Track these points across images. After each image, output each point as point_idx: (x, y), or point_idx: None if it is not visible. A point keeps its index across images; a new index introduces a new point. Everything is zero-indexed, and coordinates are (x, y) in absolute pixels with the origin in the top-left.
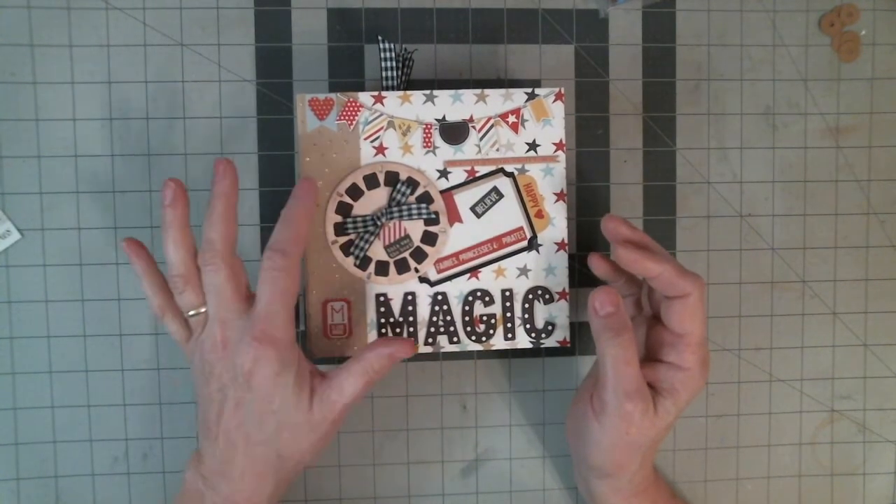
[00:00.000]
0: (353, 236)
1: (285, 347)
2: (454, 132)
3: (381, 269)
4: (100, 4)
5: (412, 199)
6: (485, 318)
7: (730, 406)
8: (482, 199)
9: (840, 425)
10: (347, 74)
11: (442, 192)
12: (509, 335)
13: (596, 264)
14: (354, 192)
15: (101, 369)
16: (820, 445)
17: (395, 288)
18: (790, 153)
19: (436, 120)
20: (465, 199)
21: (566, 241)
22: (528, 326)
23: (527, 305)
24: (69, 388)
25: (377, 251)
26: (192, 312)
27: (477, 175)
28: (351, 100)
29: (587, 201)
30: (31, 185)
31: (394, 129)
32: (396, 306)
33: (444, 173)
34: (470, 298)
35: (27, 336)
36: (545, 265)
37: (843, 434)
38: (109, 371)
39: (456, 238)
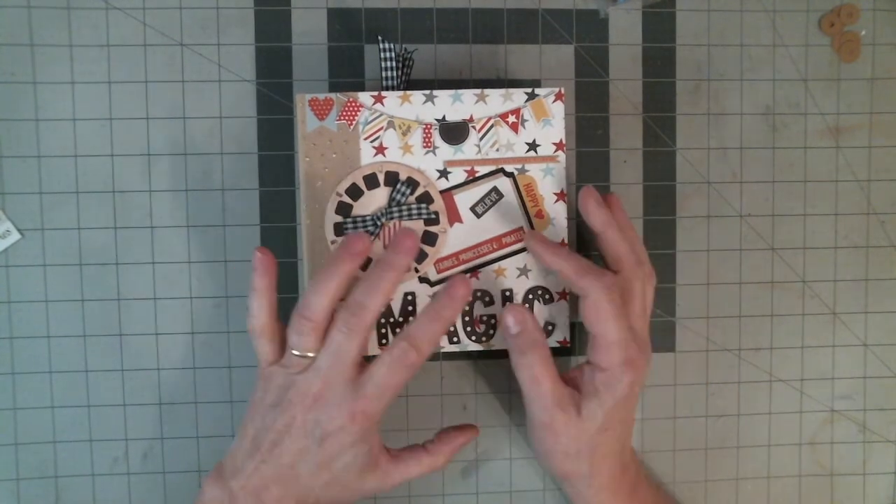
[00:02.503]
0: None
1: (371, 427)
2: (454, 132)
3: None
4: (100, 4)
5: (412, 199)
6: (485, 318)
7: (730, 406)
8: (482, 199)
9: (840, 425)
10: (347, 74)
11: (442, 192)
12: None
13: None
14: (354, 192)
15: (101, 369)
16: (820, 445)
17: None
18: (790, 153)
19: (436, 120)
20: (465, 199)
21: (566, 241)
22: None
23: (527, 305)
24: (69, 388)
25: (377, 251)
26: (298, 353)
27: (477, 175)
28: (351, 100)
29: None
30: (31, 185)
31: (394, 129)
32: (396, 306)
33: (444, 173)
34: (470, 298)
35: (27, 336)
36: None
37: (843, 434)
38: (109, 371)
39: (456, 238)
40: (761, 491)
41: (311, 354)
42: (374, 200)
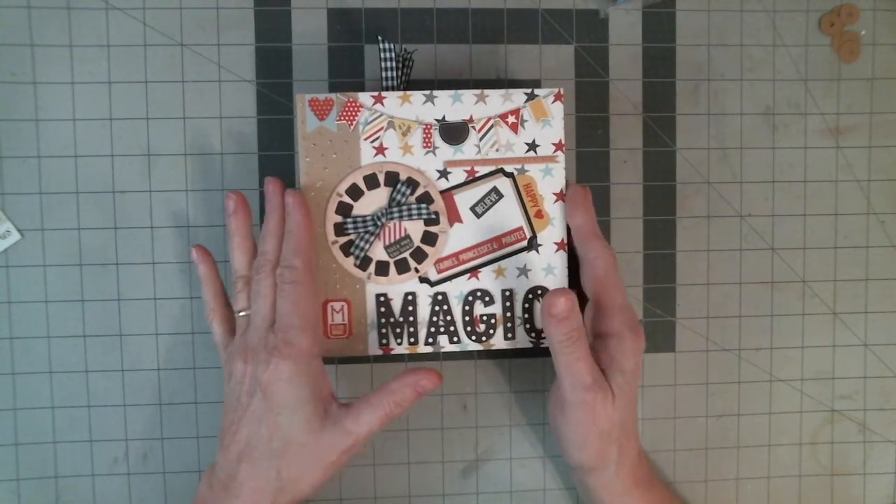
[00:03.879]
0: (353, 236)
1: (303, 358)
2: (454, 132)
3: (382, 269)
4: (100, 4)
5: (412, 199)
6: (485, 317)
7: (730, 406)
8: (482, 200)
9: (840, 425)
10: (347, 74)
11: (442, 192)
12: (509, 335)
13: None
14: (354, 192)
15: (101, 369)
16: (820, 445)
17: (395, 288)
18: (790, 153)
19: (436, 120)
20: (465, 200)
21: (566, 241)
22: (528, 326)
23: (527, 305)
24: (69, 388)
25: (377, 251)
26: (242, 313)
27: (477, 175)
28: (351, 100)
29: None
30: (31, 185)
31: (394, 129)
32: (397, 306)
33: (444, 173)
34: (470, 298)
35: (27, 336)
36: (545, 265)
37: (843, 434)
38: (109, 371)
39: (456, 238)
40: (761, 491)
41: (245, 313)
42: (375, 200)
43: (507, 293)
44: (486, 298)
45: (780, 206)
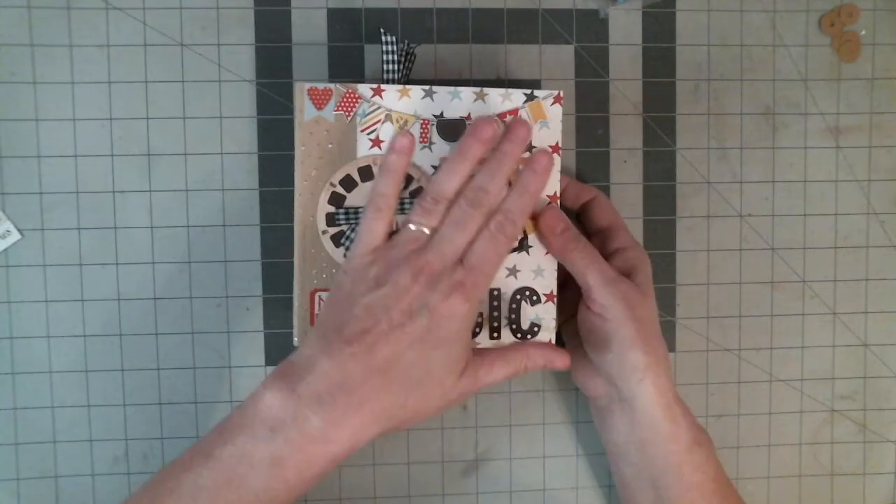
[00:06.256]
0: (344, 227)
1: (474, 309)
2: (451, 129)
3: None
4: (100, 4)
5: (406, 193)
6: None
7: (730, 406)
8: None
9: (840, 425)
10: (347, 74)
11: None
12: (495, 334)
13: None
14: (348, 183)
15: (101, 369)
16: (820, 445)
17: None
18: (790, 153)
19: (434, 116)
20: None
21: None
22: (513, 327)
23: (514, 306)
24: (69, 388)
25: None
26: (415, 227)
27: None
28: (350, 91)
29: None
30: (31, 185)
31: (391, 122)
32: None
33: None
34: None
35: (27, 336)
36: (534, 266)
37: (843, 434)
38: (109, 371)
39: None
40: (761, 491)
41: (427, 231)
42: (368, 193)
43: (495, 293)
44: None
45: (780, 206)
